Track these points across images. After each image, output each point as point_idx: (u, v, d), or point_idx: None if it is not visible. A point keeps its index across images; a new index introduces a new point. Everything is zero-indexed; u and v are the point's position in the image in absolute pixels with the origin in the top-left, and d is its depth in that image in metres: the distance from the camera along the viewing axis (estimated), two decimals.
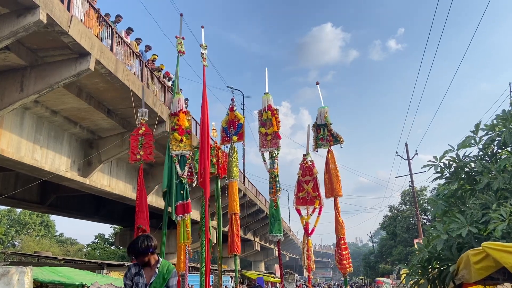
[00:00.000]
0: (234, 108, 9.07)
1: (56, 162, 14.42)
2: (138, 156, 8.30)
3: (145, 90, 13.72)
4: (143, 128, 8.53)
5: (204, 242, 7.79)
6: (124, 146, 15.20)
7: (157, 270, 3.83)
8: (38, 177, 14.75)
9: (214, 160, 9.54)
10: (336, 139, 8.78)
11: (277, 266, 38.97)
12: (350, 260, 8.51)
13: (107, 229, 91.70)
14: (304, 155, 9.12)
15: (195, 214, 14.76)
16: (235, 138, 8.89)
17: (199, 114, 8.42)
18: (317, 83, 9.80)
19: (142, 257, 3.78)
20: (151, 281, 3.80)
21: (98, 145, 16.03)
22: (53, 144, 14.24)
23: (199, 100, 8.36)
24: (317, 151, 8.89)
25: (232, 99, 9.25)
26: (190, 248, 8.15)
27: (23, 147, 12.75)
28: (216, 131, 10.49)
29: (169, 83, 17.55)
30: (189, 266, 8.31)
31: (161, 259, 3.93)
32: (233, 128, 8.93)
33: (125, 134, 15.26)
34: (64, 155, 14.84)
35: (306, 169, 8.95)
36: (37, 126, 13.48)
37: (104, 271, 13.22)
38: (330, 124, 8.85)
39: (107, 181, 17.67)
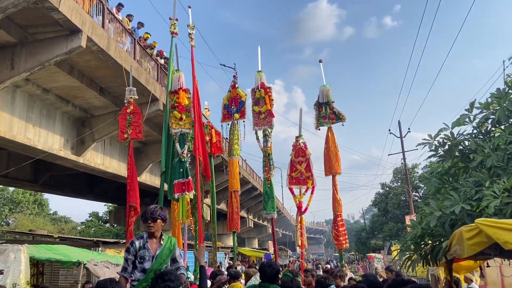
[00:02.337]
0: (236, 85, 9.01)
1: (49, 140, 14.32)
2: (126, 135, 8.26)
3: (138, 68, 13.56)
4: (132, 107, 8.47)
5: (197, 220, 7.88)
6: (117, 125, 15.07)
7: (162, 242, 3.95)
8: (31, 156, 14.67)
9: (208, 138, 9.55)
10: (338, 117, 8.83)
11: (270, 242, 39.50)
12: (347, 236, 8.70)
13: (101, 207, 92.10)
14: (297, 137, 9.19)
15: None
16: (236, 115, 8.87)
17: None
18: (320, 61, 9.76)
19: (153, 222, 3.90)
20: (157, 253, 3.89)
21: (91, 124, 15.91)
22: (45, 123, 14.11)
23: (189, 78, 8.31)
24: (319, 129, 8.93)
25: (234, 76, 9.17)
26: (191, 226, 8.20)
27: (15, 125, 12.63)
28: (209, 110, 10.45)
29: (162, 61, 17.34)
30: (188, 244, 8.41)
31: (163, 233, 4.05)
32: (235, 106, 8.89)
33: (117, 112, 15.13)
34: (56, 133, 14.73)
35: (299, 151, 9.02)
36: (29, 105, 13.33)
37: (100, 248, 13.32)
38: (332, 102, 8.87)
39: (100, 159, 17.64)
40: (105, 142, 17.69)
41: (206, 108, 10.10)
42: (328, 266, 21.00)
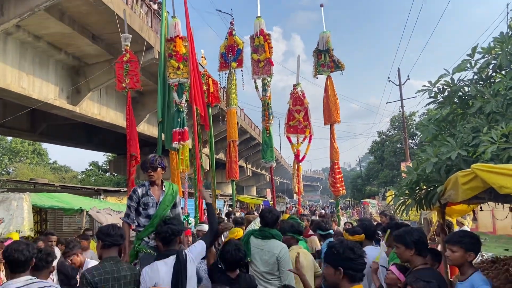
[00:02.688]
0: (233, 32, 8.73)
1: (44, 90, 14.15)
2: (124, 85, 8.12)
3: (131, 14, 13.11)
4: (128, 55, 8.25)
5: (196, 169, 7.96)
6: (113, 74, 14.81)
7: (164, 189, 4.08)
8: (27, 105, 14.57)
9: (205, 88, 9.42)
10: (337, 66, 8.68)
11: (268, 190, 40.30)
12: (343, 183, 8.87)
13: (100, 157, 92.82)
14: (295, 85, 9.08)
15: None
16: (234, 64, 8.68)
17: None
18: (321, 5, 9.41)
19: (154, 171, 4.03)
20: (160, 199, 4.03)
21: (85, 73, 15.67)
22: (39, 71, 13.87)
23: (183, 25, 8.02)
24: (317, 77, 8.80)
25: (231, 23, 8.86)
26: (191, 175, 8.29)
27: (8, 74, 12.42)
28: (205, 58, 10.22)
29: (155, 7, 16.74)
30: (188, 192, 8.56)
31: (164, 181, 4.18)
32: (232, 54, 8.66)
33: (112, 61, 14.83)
34: (51, 82, 14.53)
35: (297, 99, 8.95)
36: (21, 52, 13.03)
37: (101, 196, 13.58)
38: (332, 49, 8.67)
39: (97, 109, 17.53)
40: (101, 91, 17.51)
41: (202, 57, 9.84)
42: (323, 211, 21.56)
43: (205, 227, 6.37)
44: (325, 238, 5.79)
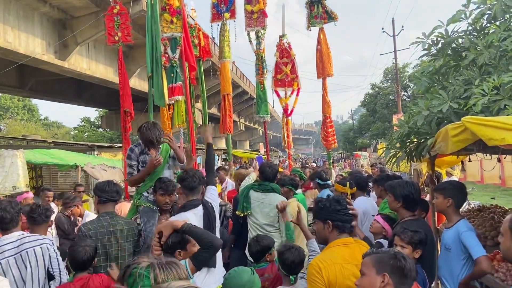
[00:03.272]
0: None
1: (30, 44, 13.77)
2: (116, 38, 7.93)
3: None
4: (118, 7, 7.99)
5: (188, 124, 7.96)
6: (100, 27, 14.44)
7: (160, 147, 4.15)
8: (14, 60, 14.22)
9: (196, 42, 9.22)
10: (330, 17, 8.48)
11: (261, 144, 40.63)
12: (335, 136, 8.95)
13: (92, 112, 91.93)
14: (281, 37, 8.92)
15: None
16: (226, 15, 8.46)
17: None
18: None
19: (156, 145, 4.10)
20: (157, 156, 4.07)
21: (72, 26, 15.19)
22: (24, 25, 13.43)
23: None
24: (310, 30, 8.62)
25: None
26: (182, 129, 8.28)
27: None
28: (195, 11, 9.91)
29: None
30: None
31: None
32: (224, 4, 8.41)
33: (99, 13, 14.37)
34: (37, 36, 14.11)
35: (283, 51, 8.83)
36: (5, 5, 12.55)
37: (95, 152, 13.61)
38: (325, 0, 8.45)
39: (86, 64, 17.18)
40: (89, 45, 17.07)
41: (192, 9, 9.55)
42: (314, 164, 21.90)
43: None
44: (323, 188, 5.86)
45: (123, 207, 4.71)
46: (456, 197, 3.29)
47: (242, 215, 4.37)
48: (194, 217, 3.23)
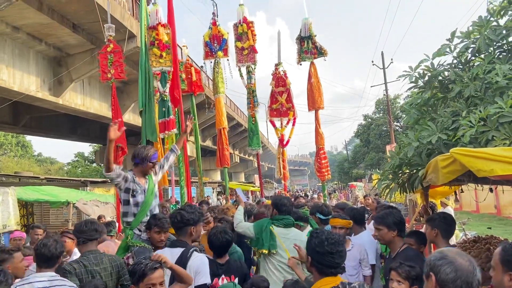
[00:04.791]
0: (217, 23, 8.65)
1: (25, 82, 13.89)
2: (109, 75, 8.04)
3: (111, 2, 12.87)
4: (111, 45, 8.14)
5: (182, 157, 7.96)
6: (95, 64, 14.63)
7: (147, 178, 4.20)
8: (8, 97, 14.29)
9: (183, 76, 9.36)
10: (320, 52, 8.62)
11: (256, 176, 40.52)
12: (329, 168, 8.93)
13: (86, 147, 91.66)
14: (276, 65, 8.95)
15: None
16: (220, 53, 8.60)
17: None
18: None
19: (150, 165, 4.15)
20: (146, 187, 4.14)
21: (67, 63, 15.39)
22: (19, 63, 13.59)
23: (165, 11, 7.92)
24: (301, 64, 8.75)
25: (213, 13, 8.78)
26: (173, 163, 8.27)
27: None
28: (187, 47, 10.10)
29: None
30: (175, 180, 8.55)
31: None
32: (218, 43, 8.58)
33: (94, 50, 14.61)
34: (32, 74, 14.26)
35: (279, 80, 8.87)
36: (0, 44, 12.73)
37: (88, 188, 13.50)
38: (315, 36, 8.63)
39: (80, 100, 17.29)
40: (84, 82, 17.25)
41: (184, 46, 9.75)
42: (314, 196, 21.78)
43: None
44: (324, 223, 5.49)
45: (110, 248, 4.45)
46: (442, 227, 3.32)
47: (267, 252, 3.98)
48: (170, 256, 3.05)
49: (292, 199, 8.58)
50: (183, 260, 3.12)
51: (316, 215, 5.54)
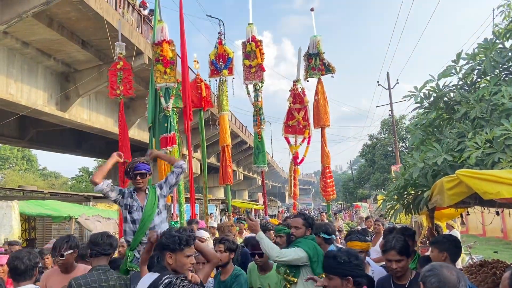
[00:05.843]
0: (223, 42, 8.75)
1: (32, 96, 14.03)
2: (118, 92, 8.10)
3: (120, 20, 13.08)
4: (121, 63, 8.23)
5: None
6: (102, 79, 14.81)
7: (147, 191, 3.96)
8: (15, 112, 14.42)
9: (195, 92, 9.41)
10: (327, 69, 8.63)
11: (260, 194, 40.29)
12: (334, 187, 8.83)
13: (90, 162, 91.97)
14: (295, 81, 8.88)
15: None
16: (225, 72, 8.66)
17: (177, 45, 8.15)
18: (311, 10, 9.40)
19: (142, 178, 3.92)
20: (145, 203, 3.88)
21: (74, 78, 15.56)
22: (27, 78, 13.75)
23: (176, 30, 8.04)
24: (307, 81, 8.76)
25: (219, 33, 8.88)
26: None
27: None
28: (198, 62, 10.18)
29: (145, 12, 16.72)
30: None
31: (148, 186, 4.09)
32: (223, 62, 8.66)
33: (102, 66, 14.79)
34: (40, 89, 14.41)
35: (297, 97, 8.81)
36: (9, 59, 12.92)
37: (91, 203, 13.47)
38: (323, 53, 8.66)
39: (87, 115, 17.42)
40: (91, 97, 17.40)
41: (195, 61, 9.82)
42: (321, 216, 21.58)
43: (204, 234, 6.17)
44: (328, 243, 5.26)
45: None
46: (451, 251, 3.23)
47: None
48: (148, 279, 2.72)
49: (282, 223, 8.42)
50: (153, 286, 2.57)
51: (320, 234, 5.39)
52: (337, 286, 2.50)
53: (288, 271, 3.68)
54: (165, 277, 2.47)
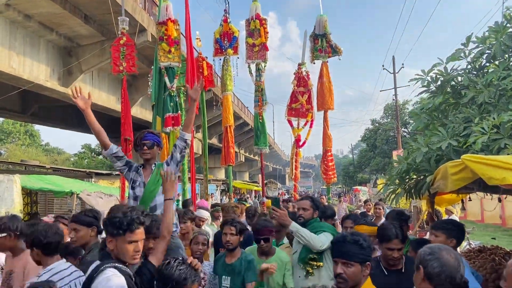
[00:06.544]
0: (228, 20, 8.59)
1: (35, 70, 13.94)
2: (121, 68, 8.01)
3: None
4: (124, 38, 8.12)
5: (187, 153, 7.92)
6: (105, 56, 14.67)
7: (153, 167, 3.69)
8: (17, 85, 14.36)
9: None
10: (334, 51, 8.47)
11: (260, 176, 40.49)
12: (335, 171, 8.81)
13: (93, 139, 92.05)
14: (300, 65, 8.77)
15: None
16: (230, 51, 8.51)
17: (181, 23, 8.02)
18: None
19: (148, 148, 3.65)
20: (149, 179, 3.61)
21: (77, 54, 15.43)
22: (29, 51, 13.64)
23: (180, 7, 7.90)
24: (314, 63, 8.62)
25: (225, 10, 8.71)
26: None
27: None
28: (200, 40, 10.02)
29: None
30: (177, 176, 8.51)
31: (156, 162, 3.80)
32: (228, 41, 8.50)
33: (105, 42, 14.64)
34: (42, 63, 14.30)
35: (301, 80, 8.70)
36: (11, 31, 12.78)
37: (93, 179, 13.52)
38: (330, 34, 8.48)
39: (89, 91, 17.34)
40: (93, 74, 17.29)
41: (197, 38, 9.65)
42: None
43: (204, 214, 6.16)
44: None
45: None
46: (458, 238, 3.17)
47: None
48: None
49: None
50: (88, 277, 2.28)
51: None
52: (355, 273, 2.30)
53: (315, 257, 3.58)
54: (106, 265, 2.20)
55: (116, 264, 2.25)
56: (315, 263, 3.55)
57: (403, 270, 3.05)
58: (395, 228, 3.11)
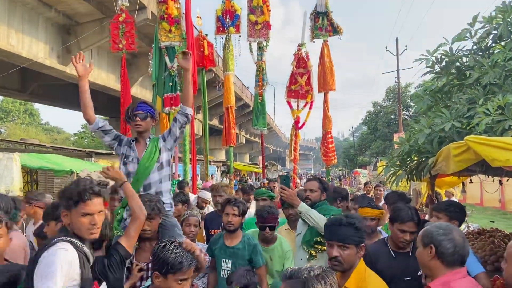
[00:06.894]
0: None
1: (34, 48, 13.79)
2: (121, 46, 7.93)
3: None
4: (124, 15, 8.01)
5: (188, 134, 7.90)
6: (104, 34, 14.49)
7: (147, 141, 3.41)
8: (16, 63, 14.22)
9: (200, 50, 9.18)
10: (335, 30, 8.34)
11: (260, 157, 40.53)
12: (335, 153, 8.79)
13: None
14: (299, 45, 8.66)
15: None
16: (232, 29, 8.39)
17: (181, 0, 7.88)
18: None
19: (142, 120, 3.35)
20: (143, 154, 3.33)
21: (76, 32, 15.24)
22: (28, 29, 13.46)
23: None
24: (314, 42, 8.49)
25: None
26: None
27: None
28: (201, 19, 9.87)
29: None
30: (178, 157, 8.50)
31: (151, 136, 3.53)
32: (230, 19, 8.35)
33: (104, 20, 14.44)
34: (41, 40, 14.14)
35: (300, 61, 8.61)
36: (10, 8, 12.59)
37: (93, 159, 13.51)
38: (331, 12, 8.32)
39: (91, 62, 17.20)
40: (92, 52, 17.12)
41: (198, 17, 9.52)
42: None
43: (207, 195, 6.07)
44: None
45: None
46: (460, 220, 3.20)
47: None
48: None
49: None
50: (40, 248, 2.13)
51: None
52: (350, 255, 2.30)
53: (321, 240, 3.38)
54: (60, 238, 2.06)
55: (72, 240, 2.09)
56: (320, 247, 3.43)
57: (410, 254, 2.99)
58: (410, 210, 3.04)
